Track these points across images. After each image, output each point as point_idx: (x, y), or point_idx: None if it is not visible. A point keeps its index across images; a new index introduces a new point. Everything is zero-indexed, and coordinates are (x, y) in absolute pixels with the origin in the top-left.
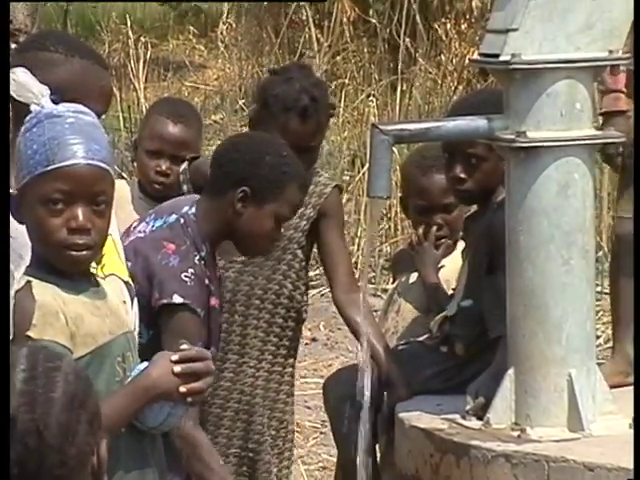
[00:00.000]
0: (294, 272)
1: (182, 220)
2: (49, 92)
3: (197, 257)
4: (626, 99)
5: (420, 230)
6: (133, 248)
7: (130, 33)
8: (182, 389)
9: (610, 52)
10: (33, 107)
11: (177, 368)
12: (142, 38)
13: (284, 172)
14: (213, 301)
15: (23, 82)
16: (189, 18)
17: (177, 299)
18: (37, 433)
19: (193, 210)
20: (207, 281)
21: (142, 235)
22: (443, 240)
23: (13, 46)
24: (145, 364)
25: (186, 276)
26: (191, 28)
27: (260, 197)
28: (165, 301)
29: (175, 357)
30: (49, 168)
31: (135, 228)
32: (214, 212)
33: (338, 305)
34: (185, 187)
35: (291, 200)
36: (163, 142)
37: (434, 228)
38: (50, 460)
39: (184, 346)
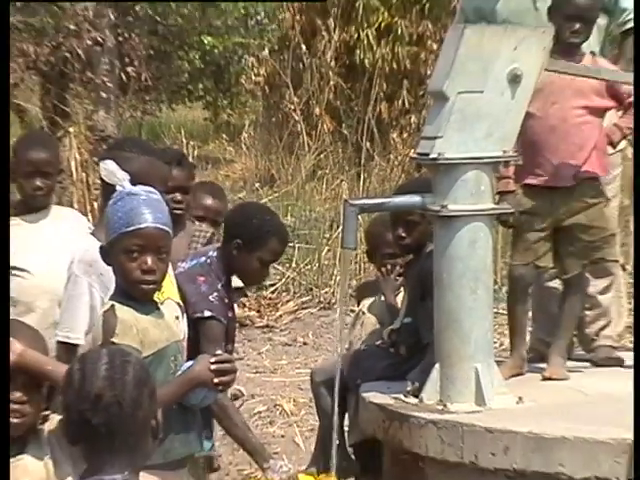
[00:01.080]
0: None
1: (208, 260)
2: (129, 177)
3: (220, 284)
4: (513, 183)
5: (387, 267)
6: (176, 278)
7: (183, 138)
8: (215, 380)
9: (504, 152)
10: (118, 187)
11: (213, 367)
12: (191, 142)
13: (266, 230)
14: (230, 314)
15: (111, 170)
16: (223, 128)
17: (207, 313)
18: (118, 404)
19: (215, 254)
20: (227, 300)
21: (182, 270)
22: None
23: (104, 147)
24: (190, 363)
25: (213, 297)
26: (224, 135)
27: (249, 247)
28: (199, 315)
29: (212, 359)
30: (129, 229)
31: (179, 265)
32: (223, 256)
33: None
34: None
35: (272, 249)
36: (205, 210)
37: (397, 267)
38: (127, 422)
39: (218, 351)
